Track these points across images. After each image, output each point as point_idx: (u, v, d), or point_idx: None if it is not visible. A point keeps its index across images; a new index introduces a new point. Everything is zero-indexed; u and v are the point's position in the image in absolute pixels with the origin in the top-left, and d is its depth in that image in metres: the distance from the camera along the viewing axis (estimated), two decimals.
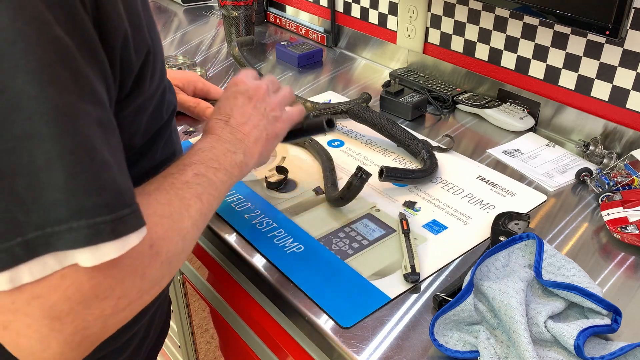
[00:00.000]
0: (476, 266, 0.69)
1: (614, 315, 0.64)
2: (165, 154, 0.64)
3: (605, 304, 0.65)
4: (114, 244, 0.40)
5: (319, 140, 1.05)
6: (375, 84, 1.33)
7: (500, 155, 1.04)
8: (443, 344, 0.64)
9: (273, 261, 0.78)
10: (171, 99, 0.64)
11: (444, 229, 0.84)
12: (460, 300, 0.65)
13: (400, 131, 1.03)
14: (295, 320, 0.74)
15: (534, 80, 1.13)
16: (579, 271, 0.71)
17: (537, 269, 0.70)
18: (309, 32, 1.58)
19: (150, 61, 0.53)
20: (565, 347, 0.62)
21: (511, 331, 0.62)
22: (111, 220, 0.40)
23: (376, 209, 0.88)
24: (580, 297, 0.65)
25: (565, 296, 0.67)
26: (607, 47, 0.99)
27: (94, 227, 0.39)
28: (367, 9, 1.42)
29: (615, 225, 0.80)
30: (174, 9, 1.86)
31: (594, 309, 0.65)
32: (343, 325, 0.68)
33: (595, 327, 0.62)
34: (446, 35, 1.26)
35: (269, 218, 0.86)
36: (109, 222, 0.40)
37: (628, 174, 0.91)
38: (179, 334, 1.20)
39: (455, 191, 0.93)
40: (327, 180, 0.92)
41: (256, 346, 0.88)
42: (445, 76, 1.28)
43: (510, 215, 0.85)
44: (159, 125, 0.61)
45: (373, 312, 0.70)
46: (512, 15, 1.12)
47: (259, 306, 0.84)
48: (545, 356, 0.62)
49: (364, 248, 0.80)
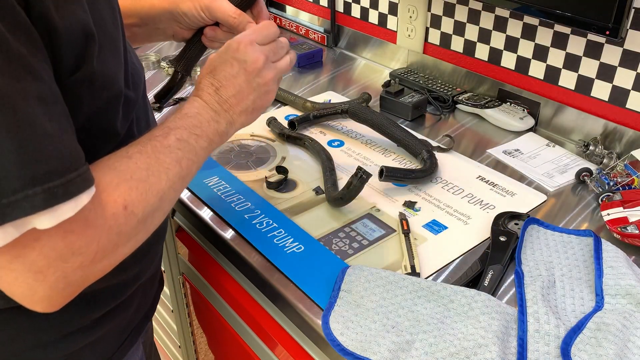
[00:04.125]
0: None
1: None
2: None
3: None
4: (68, 204, 0.45)
5: (319, 140, 1.05)
6: (375, 84, 1.33)
7: (500, 155, 1.04)
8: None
9: (273, 261, 0.78)
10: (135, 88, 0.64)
11: (444, 229, 0.84)
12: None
13: (400, 131, 1.03)
14: (295, 320, 0.74)
15: (534, 80, 1.13)
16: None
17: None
18: (309, 32, 1.58)
19: (92, 47, 0.52)
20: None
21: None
22: (62, 184, 0.44)
23: (376, 209, 0.88)
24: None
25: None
26: (607, 47, 0.99)
27: (47, 191, 0.43)
28: (367, 9, 1.42)
29: (615, 225, 0.80)
30: None
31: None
32: None
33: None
34: (446, 35, 1.26)
35: (269, 218, 0.86)
36: (60, 186, 0.44)
37: (628, 174, 0.91)
38: (179, 334, 1.20)
39: (455, 191, 0.93)
40: (327, 180, 0.92)
41: (256, 346, 0.88)
42: (445, 76, 1.28)
43: (510, 215, 0.85)
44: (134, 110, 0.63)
45: None
46: (512, 15, 1.12)
47: (258, 306, 0.84)
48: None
49: (364, 248, 0.80)
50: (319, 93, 1.28)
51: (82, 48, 0.50)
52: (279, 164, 1.00)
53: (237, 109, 0.67)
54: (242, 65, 0.68)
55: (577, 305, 0.69)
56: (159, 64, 1.40)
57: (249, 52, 0.68)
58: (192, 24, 0.80)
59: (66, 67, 0.49)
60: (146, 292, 0.75)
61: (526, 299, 0.69)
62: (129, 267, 0.64)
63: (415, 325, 0.66)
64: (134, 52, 0.68)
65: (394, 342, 0.63)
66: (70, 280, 0.48)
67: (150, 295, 0.77)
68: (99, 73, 0.53)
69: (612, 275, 0.71)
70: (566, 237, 0.80)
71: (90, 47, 0.51)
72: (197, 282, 1.01)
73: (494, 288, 0.73)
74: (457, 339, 0.64)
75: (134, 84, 0.63)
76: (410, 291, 0.70)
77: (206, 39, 0.81)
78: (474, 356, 0.61)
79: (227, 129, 0.67)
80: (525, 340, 0.63)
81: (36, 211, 0.43)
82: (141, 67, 0.69)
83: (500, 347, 0.62)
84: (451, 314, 0.67)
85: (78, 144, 0.48)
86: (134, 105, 0.64)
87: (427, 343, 0.63)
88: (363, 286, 0.70)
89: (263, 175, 0.96)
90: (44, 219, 0.44)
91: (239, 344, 0.93)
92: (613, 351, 0.60)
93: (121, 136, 0.61)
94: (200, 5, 0.77)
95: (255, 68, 0.68)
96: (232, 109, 0.67)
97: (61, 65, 0.49)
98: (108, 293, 0.65)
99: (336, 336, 0.65)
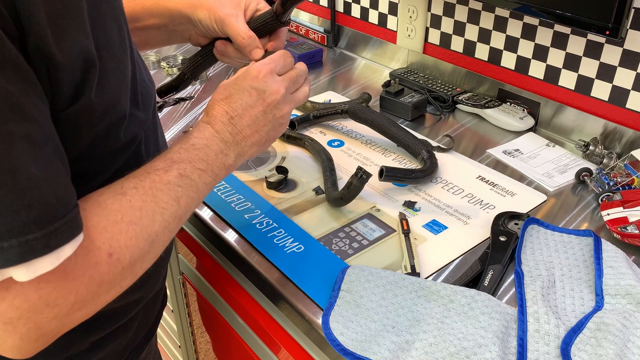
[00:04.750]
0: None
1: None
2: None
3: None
4: (47, 258, 0.41)
5: (319, 140, 1.05)
6: (375, 84, 1.33)
7: (500, 155, 1.04)
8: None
9: (273, 261, 0.78)
10: (138, 123, 0.59)
11: (444, 229, 0.84)
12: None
13: (400, 131, 1.03)
14: (295, 320, 0.74)
15: (534, 80, 1.13)
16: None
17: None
18: (309, 32, 1.58)
19: (93, 75, 0.49)
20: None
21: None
22: (42, 236, 0.41)
23: (376, 209, 0.88)
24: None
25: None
26: (607, 47, 0.99)
27: (25, 244, 0.40)
28: (367, 9, 1.42)
29: (615, 225, 0.80)
30: None
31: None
32: None
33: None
34: (446, 35, 1.26)
35: (269, 218, 0.86)
36: (40, 238, 0.41)
37: (628, 174, 0.91)
38: (179, 334, 1.20)
39: (455, 191, 0.93)
40: (327, 180, 0.92)
41: (256, 346, 0.88)
42: (445, 76, 1.28)
43: (510, 215, 0.85)
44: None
45: None
46: (512, 15, 1.11)
47: (258, 306, 0.84)
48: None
49: (364, 248, 0.80)
50: (319, 93, 1.28)
51: (83, 76, 0.47)
52: (279, 164, 1.00)
53: (250, 141, 0.64)
54: (260, 95, 0.65)
55: (577, 305, 0.69)
56: (159, 64, 1.40)
57: (269, 82, 0.66)
58: (205, 32, 0.78)
59: (65, 98, 0.47)
60: (148, 311, 0.72)
61: (526, 299, 0.69)
62: (131, 291, 0.57)
63: (415, 325, 0.66)
64: (145, 68, 0.64)
65: (393, 342, 0.63)
66: (44, 331, 0.45)
67: (152, 315, 0.74)
68: (99, 101, 0.50)
69: (612, 275, 0.71)
70: (566, 237, 0.80)
71: (90, 74, 0.48)
72: (197, 282, 1.01)
73: (494, 288, 0.73)
74: (457, 338, 0.64)
75: (144, 103, 0.60)
76: (410, 291, 0.70)
77: (216, 51, 0.80)
78: (474, 356, 0.61)
79: (235, 162, 0.63)
80: (525, 340, 0.63)
81: (10, 265, 0.40)
82: (152, 84, 0.65)
83: (500, 347, 0.62)
84: (451, 313, 0.67)
85: (70, 185, 0.45)
86: (144, 125, 0.60)
87: (427, 343, 0.63)
88: (363, 286, 0.70)
89: (263, 175, 0.96)
90: (20, 272, 0.41)
91: (238, 343, 0.93)
92: (613, 351, 0.60)
93: (127, 156, 0.58)
94: (215, 17, 0.75)
95: (274, 100, 0.66)
96: (245, 141, 0.64)
97: (60, 96, 0.46)
98: (109, 316, 0.62)
99: (336, 336, 0.65)
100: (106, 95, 0.51)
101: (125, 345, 0.68)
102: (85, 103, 0.48)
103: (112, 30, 0.52)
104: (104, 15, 0.51)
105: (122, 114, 0.54)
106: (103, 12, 0.51)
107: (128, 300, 0.63)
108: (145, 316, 0.71)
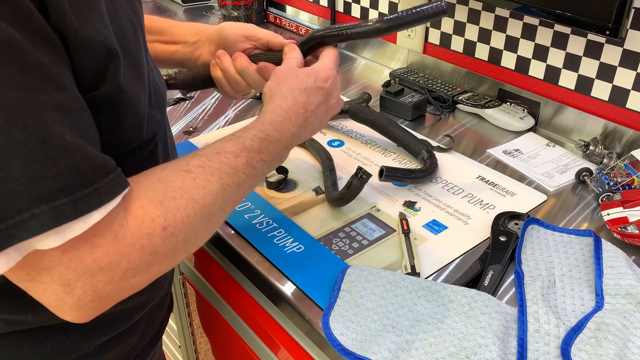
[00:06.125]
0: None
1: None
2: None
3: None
4: (76, 223, 0.43)
5: (319, 140, 1.05)
6: (375, 84, 1.33)
7: (500, 155, 1.04)
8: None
9: (273, 261, 0.78)
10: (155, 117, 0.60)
11: (444, 228, 0.84)
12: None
13: (400, 131, 1.03)
14: (295, 320, 0.74)
15: (534, 80, 1.13)
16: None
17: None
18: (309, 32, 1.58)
19: (117, 65, 0.49)
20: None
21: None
22: (70, 202, 0.42)
23: (376, 209, 0.88)
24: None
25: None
26: (607, 47, 0.99)
27: (55, 209, 0.41)
28: (367, 9, 1.42)
29: (615, 225, 0.80)
30: (174, 8, 1.86)
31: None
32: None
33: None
34: (446, 35, 1.26)
35: (269, 218, 0.86)
36: (69, 203, 0.42)
37: (628, 174, 0.91)
38: (179, 334, 1.20)
39: (455, 191, 0.93)
40: (327, 180, 0.92)
41: (256, 346, 0.88)
42: (445, 76, 1.28)
43: (510, 215, 0.85)
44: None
45: None
46: (512, 15, 1.12)
47: (258, 306, 0.84)
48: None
49: (364, 248, 0.80)
50: None
51: (105, 64, 0.48)
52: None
53: (303, 137, 0.68)
54: (325, 98, 0.69)
55: (577, 305, 0.69)
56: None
57: (334, 87, 0.70)
58: (231, 41, 0.81)
59: (85, 82, 0.47)
60: (154, 316, 0.72)
61: (526, 299, 0.69)
62: (136, 294, 0.58)
63: (415, 325, 0.66)
64: (157, 70, 0.65)
65: (393, 342, 0.63)
66: (100, 294, 0.46)
67: (158, 320, 0.74)
68: (121, 93, 0.50)
69: (612, 275, 0.71)
70: (566, 237, 0.80)
71: (112, 63, 0.49)
72: (197, 282, 1.01)
73: (494, 288, 0.73)
74: (457, 338, 0.64)
75: (158, 103, 0.60)
76: (410, 291, 0.70)
77: (214, 61, 0.81)
78: (474, 356, 0.61)
79: (286, 155, 0.66)
80: (525, 340, 0.63)
81: (45, 230, 0.41)
82: (163, 85, 0.65)
83: (500, 347, 0.62)
84: (451, 313, 0.67)
85: (103, 154, 0.46)
86: (159, 127, 0.61)
87: (427, 343, 0.63)
88: (363, 286, 0.70)
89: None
90: (50, 239, 0.42)
91: (238, 343, 0.93)
92: (613, 351, 0.60)
93: (144, 156, 0.58)
94: (240, 27, 0.81)
95: (331, 104, 0.71)
96: (302, 137, 0.67)
97: (79, 79, 0.46)
98: (114, 319, 0.62)
99: (336, 336, 0.65)
100: (126, 88, 0.52)
101: (130, 350, 0.68)
102: (107, 92, 0.49)
103: (127, 28, 0.53)
104: (120, 16, 0.52)
105: (143, 110, 0.55)
106: (119, 12, 0.52)
107: (133, 303, 0.63)
108: (151, 321, 0.71)
